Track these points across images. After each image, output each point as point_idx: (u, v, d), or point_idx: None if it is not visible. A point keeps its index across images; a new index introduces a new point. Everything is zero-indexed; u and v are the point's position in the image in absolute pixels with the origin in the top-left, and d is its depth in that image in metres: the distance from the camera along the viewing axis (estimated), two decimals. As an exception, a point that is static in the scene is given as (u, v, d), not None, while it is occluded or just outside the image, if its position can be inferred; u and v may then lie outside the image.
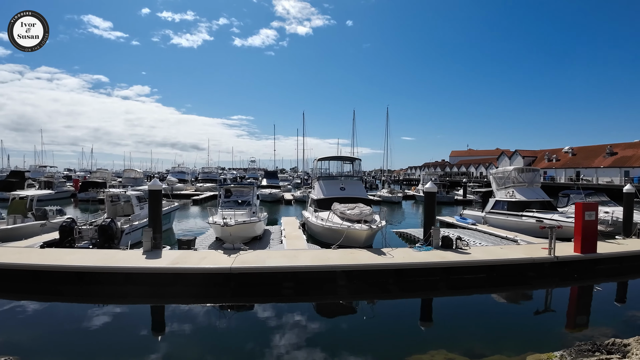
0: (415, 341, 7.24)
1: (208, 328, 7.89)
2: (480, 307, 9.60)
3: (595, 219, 11.52)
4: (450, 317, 8.85)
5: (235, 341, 7.26)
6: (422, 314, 9.22)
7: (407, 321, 8.54)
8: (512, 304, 9.90)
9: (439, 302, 9.93)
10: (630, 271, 11.92)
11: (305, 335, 7.36)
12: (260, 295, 9.68)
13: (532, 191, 17.10)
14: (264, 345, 6.83)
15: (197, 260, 10.40)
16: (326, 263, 10.12)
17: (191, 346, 6.89)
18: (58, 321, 8.26)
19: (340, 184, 15.98)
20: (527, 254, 11.27)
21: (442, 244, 11.93)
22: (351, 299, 9.90)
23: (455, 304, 9.88)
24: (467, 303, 9.94)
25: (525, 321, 8.41)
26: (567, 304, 10.03)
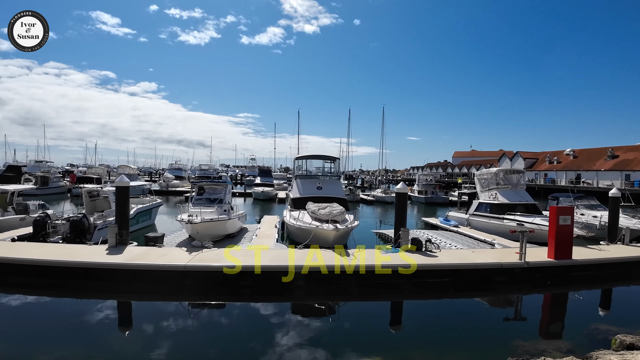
0: (369, 346, 6.81)
1: (162, 325, 7.73)
2: (441, 312, 9.14)
3: (571, 223, 10.89)
4: (410, 321, 8.43)
5: (187, 339, 7.05)
6: (379, 317, 8.76)
7: (365, 324, 8.12)
8: (477, 310, 9.36)
9: (398, 306, 9.49)
10: (608, 279, 11.26)
11: (259, 337, 7.11)
12: (217, 294, 9.42)
13: (516, 193, 16.45)
14: (214, 344, 6.73)
15: (156, 257, 10.15)
16: (284, 263, 9.76)
17: (142, 341, 6.85)
18: (14, 312, 8.22)
19: (318, 183, 15.57)
20: (497, 258, 10.71)
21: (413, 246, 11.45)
22: (309, 301, 9.52)
23: (416, 308, 9.44)
24: (427, 308, 9.49)
25: (488, 328, 7.91)
26: (537, 312, 9.45)
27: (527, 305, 9.88)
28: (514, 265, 10.32)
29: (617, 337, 6.23)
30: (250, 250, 11.26)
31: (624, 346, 5.21)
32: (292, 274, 9.69)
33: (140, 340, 7.17)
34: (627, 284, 11.42)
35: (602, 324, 7.86)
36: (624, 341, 5.43)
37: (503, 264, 10.22)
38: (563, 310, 9.69)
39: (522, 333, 7.68)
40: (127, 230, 12.20)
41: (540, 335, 7.80)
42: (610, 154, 45.50)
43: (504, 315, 9.15)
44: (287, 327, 7.77)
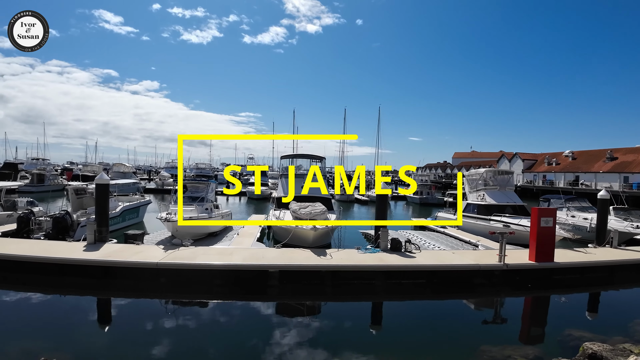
0: (343, 347, 6.62)
1: (133, 321, 7.69)
2: (414, 314, 8.89)
3: (553, 225, 10.57)
4: (380, 322, 8.24)
5: (159, 336, 6.96)
6: (353, 318, 8.52)
7: (340, 324, 7.90)
8: (452, 312, 9.09)
9: (371, 306, 9.26)
10: (592, 283, 10.93)
11: (233, 336, 7.00)
12: (192, 292, 9.28)
13: (504, 195, 16.12)
14: (188, 342, 6.62)
15: (131, 254, 10.03)
16: (258, 262, 9.57)
17: (110, 338, 6.90)
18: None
19: (303, 182, 15.36)
20: (476, 260, 10.42)
21: (391, 246, 11.21)
22: (282, 300, 9.33)
23: (390, 308, 9.18)
24: (401, 309, 9.24)
25: (459, 332, 7.61)
26: (515, 315, 9.16)
27: (506, 309, 9.62)
28: (493, 267, 10.03)
29: (585, 345, 5.96)
30: (226, 249, 11.11)
31: (586, 355, 4.94)
32: (264, 273, 9.53)
33: (109, 336, 7.14)
34: (611, 288, 11.08)
35: (578, 329, 7.55)
36: (586, 350, 5.16)
37: (481, 265, 9.94)
38: (542, 314, 9.38)
39: (493, 337, 7.42)
40: (107, 227, 12.07)
41: (512, 339, 7.49)
42: (609, 155, 44.81)
43: (480, 318, 8.87)
44: (261, 326, 7.59)
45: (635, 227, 16.18)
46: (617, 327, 7.91)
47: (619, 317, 8.79)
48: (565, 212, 18.08)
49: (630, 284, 11.37)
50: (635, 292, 11.15)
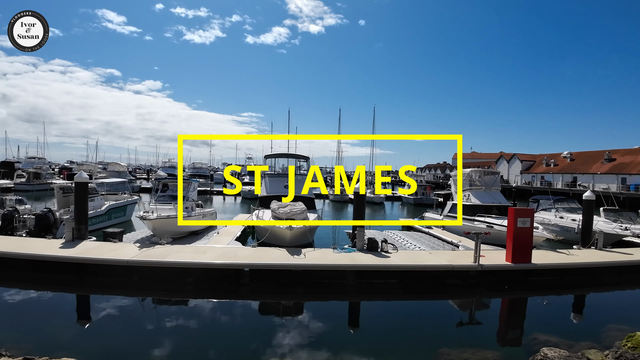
0: (316, 346, 6.48)
1: (105, 318, 7.69)
2: (383, 314, 8.66)
3: (530, 226, 10.30)
4: (344, 323, 8.00)
5: (126, 332, 6.98)
6: (325, 317, 8.30)
7: (310, 324, 7.70)
8: (422, 313, 8.82)
9: (342, 306, 9.05)
10: (572, 285, 10.63)
11: (204, 334, 6.86)
12: (164, 290, 9.21)
13: (489, 195, 15.82)
14: (155, 339, 6.63)
15: (105, 252, 9.96)
16: (229, 261, 9.44)
17: (77, 333, 6.94)
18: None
19: (286, 181, 15.21)
20: (451, 260, 10.19)
21: (367, 246, 11.01)
22: (254, 299, 9.18)
23: (363, 309, 8.97)
24: (371, 309, 9.03)
25: (422, 334, 7.38)
26: (487, 317, 8.89)
27: (481, 310, 9.32)
28: (467, 267, 9.79)
29: (542, 351, 5.74)
30: (200, 247, 10.99)
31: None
32: (235, 271, 9.40)
33: (77, 331, 7.14)
34: (591, 291, 10.74)
35: (546, 333, 7.26)
36: (539, 355, 4.93)
37: (455, 266, 9.70)
38: (516, 316, 9.12)
39: (458, 339, 7.16)
40: (86, 225, 12.04)
41: (476, 342, 7.21)
42: (607, 157, 44.11)
43: (451, 319, 8.54)
44: (231, 325, 7.45)
45: (623, 229, 15.84)
46: (590, 331, 7.63)
47: (594, 321, 8.49)
48: (554, 213, 17.75)
49: (612, 287, 11.05)
50: (616, 295, 10.82)
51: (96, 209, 15.73)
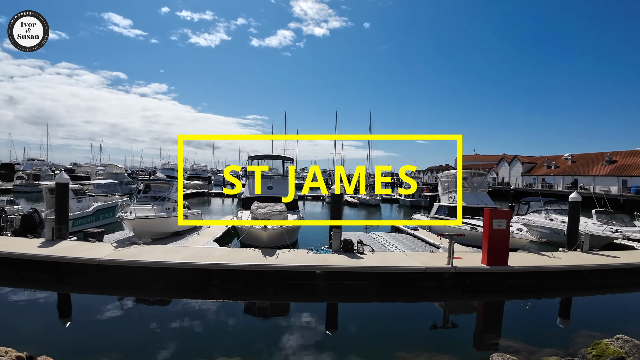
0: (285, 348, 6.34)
1: (76, 316, 7.85)
2: (353, 316, 8.48)
3: (507, 228, 10.04)
4: (319, 324, 7.86)
5: (94, 330, 7.04)
6: (290, 318, 8.15)
7: (277, 325, 7.63)
8: (392, 315, 8.56)
9: (312, 307, 8.88)
10: (550, 288, 10.28)
11: (173, 336, 6.82)
12: (134, 289, 9.26)
13: (475, 197, 15.52)
14: (124, 338, 6.65)
15: (80, 251, 9.99)
16: (199, 261, 9.36)
17: (46, 329, 6.99)
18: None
19: (269, 183, 15.12)
20: (427, 262, 9.96)
21: (343, 247, 10.84)
22: (223, 299, 9.06)
23: (327, 310, 8.82)
24: (341, 310, 8.87)
25: (381, 337, 7.19)
26: (459, 320, 8.65)
27: (452, 313, 9.06)
28: (441, 270, 9.55)
29: (492, 357, 5.52)
30: (173, 247, 10.95)
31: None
32: (205, 272, 9.31)
33: (45, 327, 7.18)
34: (570, 294, 10.38)
35: (511, 338, 7.04)
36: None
37: (427, 268, 9.47)
38: (487, 320, 8.85)
39: (418, 343, 6.94)
40: (66, 225, 12.09)
41: (438, 346, 6.97)
42: (608, 159, 43.19)
43: (419, 323, 8.23)
44: (201, 325, 7.35)
45: (614, 231, 15.41)
46: (560, 336, 7.34)
47: (568, 326, 8.20)
48: (544, 215, 17.35)
49: (594, 291, 10.67)
50: (597, 299, 10.46)
51: (84, 210, 15.81)
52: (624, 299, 10.47)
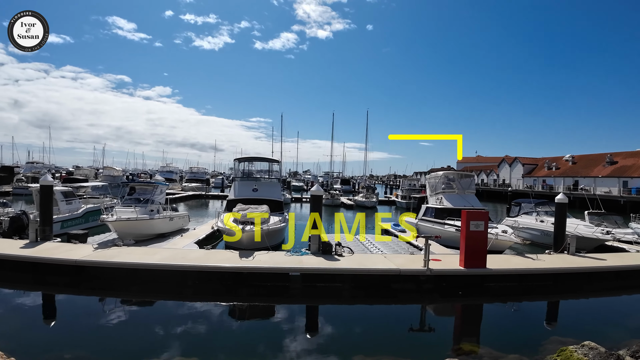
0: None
1: (48, 316, 7.91)
2: (327, 318, 8.35)
3: (485, 229, 9.85)
4: (289, 326, 7.73)
5: (67, 331, 7.13)
6: (261, 321, 8.11)
7: (248, 325, 7.65)
8: (363, 318, 8.35)
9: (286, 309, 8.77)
10: (530, 291, 10.04)
11: (147, 337, 6.82)
12: (110, 290, 9.28)
13: (462, 198, 15.30)
14: (98, 339, 6.69)
15: (60, 252, 10.06)
16: (173, 262, 9.34)
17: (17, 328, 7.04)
18: None
19: (254, 185, 15.08)
20: (404, 264, 9.81)
21: (322, 249, 10.73)
22: (197, 300, 9.00)
23: (299, 312, 8.70)
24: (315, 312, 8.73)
25: (341, 341, 7.06)
26: (433, 323, 8.41)
27: (430, 316, 8.80)
28: (416, 272, 9.39)
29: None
30: (151, 249, 10.95)
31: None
32: (179, 273, 9.27)
33: (16, 325, 7.20)
34: (550, 298, 10.14)
35: (477, 343, 6.92)
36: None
37: (402, 270, 9.32)
38: (461, 324, 8.61)
39: (379, 346, 6.78)
40: (50, 226, 12.18)
41: (412, 350, 6.84)
42: (609, 159, 42.44)
43: (396, 326, 7.99)
44: (176, 327, 7.28)
45: (605, 233, 15.08)
46: (530, 342, 6.99)
47: (541, 331, 7.80)
48: (535, 217, 17.06)
49: (575, 294, 10.41)
50: (577, 303, 10.18)
51: (72, 212, 15.91)
52: (607, 303, 10.20)
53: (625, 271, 11.08)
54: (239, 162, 16.37)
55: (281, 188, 16.82)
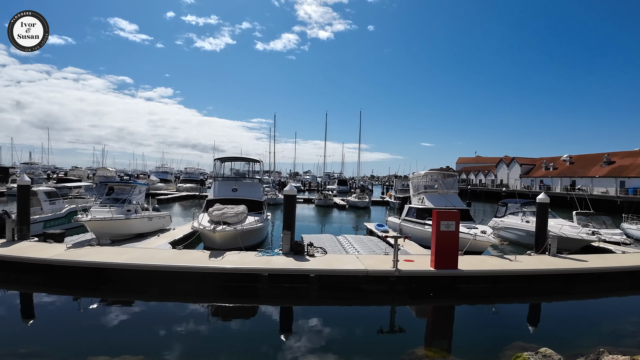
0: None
1: (20, 312, 8.04)
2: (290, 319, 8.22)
3: (456, 229, 9.64)
4: (252, 327, 7.66)
5: (42, 331, 7.10)
6: (231, 321, 7.95)
7: (213, 327, 7.41)
8: (338, 318, 8.18)
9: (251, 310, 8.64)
10: (504, 294, 9.82)
11: (112, 336, 6.79)
12: (77, 289, 9.26)
13: (444, 198, 15.06)
14: (65, 338, 6.70)
15: (33, 251, 10.05)
16: (140, 262, 9.25)
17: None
18: None
19: (234, 185, 14.95)
20: (375, 265, 9.62)
21: (293, 249, 10.58)
22: (162, 300, 8.91)
23: (269, 312, 8.55)
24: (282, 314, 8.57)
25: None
26: (400, 324, 8.18)
27: (400, 318, 8.54)
28: (384, 273, 9.20)
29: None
30: (122, 249, 10.86)
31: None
32: (143, 273, 9.15)
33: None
34: (523, 300, 9.88)
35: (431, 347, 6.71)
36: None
37: (369, 271, 9.14)
38: (427, 326, 8.40)
39: (355, 349, 6.60)
40: (28, 226, 12.19)
41: (369, 353, 6.65)
42: (606, 159, 41.87)
43: (363, 327, 7.74)
44: (142, 328, 7.23)
45: (590, 234, 14.78)
46: (491, 347, 6.68)
47: (506, 336, 7.17)
48: (520, 217, 16.78)
49: (550, 297, 10.08)
50: (550, 306, 9.85)
51: (55, 212, 15.88)
52: (583, 306, 9.90)
53: (607, 273, 10.79)
54: (221, 162, 16.24)
55: (262, 188, 16.65)
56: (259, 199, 14.67)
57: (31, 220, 14.28)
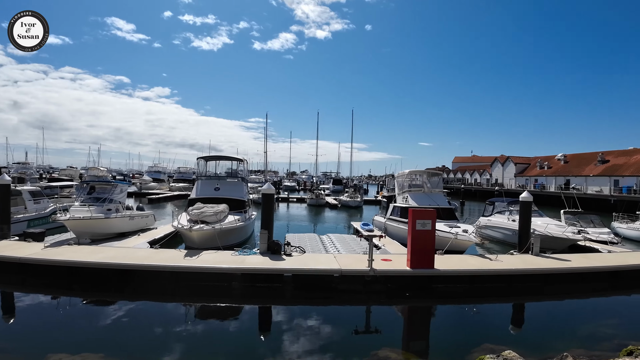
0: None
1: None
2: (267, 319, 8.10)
3: (432, 228, 9.51)
4: (226, 327, 7.53)
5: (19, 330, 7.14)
6: (196, 322, 7.80)
7: (174, 328, 7.25)
8: (313, 318, 7.95)
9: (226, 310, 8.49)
10: (481, 294, 9.68)
11: (85, 335, 6.74)
12: (51, 287, 9.22)
13: (428, 197, 14.93)
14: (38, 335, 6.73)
15: (10, 250, 10.02)
16: (114, 261, 9.14)
17: None
18: None
19: (217, 184, 14.82)
20: (351, 264, 9.49)
21: (270, 249, 10.45)
22: (135, 299, 8.76)
23: (247, 312, 8.44)
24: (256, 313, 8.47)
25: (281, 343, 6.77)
26: (376, 325, 8.00)
27: (375, 318, 8.39)
28: (359, 272, 9.08)
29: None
30: (98, 248, 10.75)
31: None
32: (116, 272, 9.04)
33: None
34: (503, 300, 9.75)
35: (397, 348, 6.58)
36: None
37: (343, 270, 9.01)
38: (400, 327, 8.29)
39: (328, 350, 6.46)
40: (8, 225, 12.14)
41: (341, 352, 6.50)
42: (600, 158, 41.78)
43: (338, 327, 7.54)
44: (114, 328, 7.08)
45: (576, 233, 14.66)
46: (458, 350, 6.51)
47: (477, 337, 7.05)
48: (507, 216, 16.66)
49: (528, 297, 9.89)
50: (527, 307, 9.69)
51: (40, 211, 15.76)
52: (562, 307, 9.69)
53: (589, 273, 10.64)
54: (205, 161, 16.10)
55: (247, 188, 16.51)
56: (241, 197, 14.53)
57: (15, 220, 14.22)
